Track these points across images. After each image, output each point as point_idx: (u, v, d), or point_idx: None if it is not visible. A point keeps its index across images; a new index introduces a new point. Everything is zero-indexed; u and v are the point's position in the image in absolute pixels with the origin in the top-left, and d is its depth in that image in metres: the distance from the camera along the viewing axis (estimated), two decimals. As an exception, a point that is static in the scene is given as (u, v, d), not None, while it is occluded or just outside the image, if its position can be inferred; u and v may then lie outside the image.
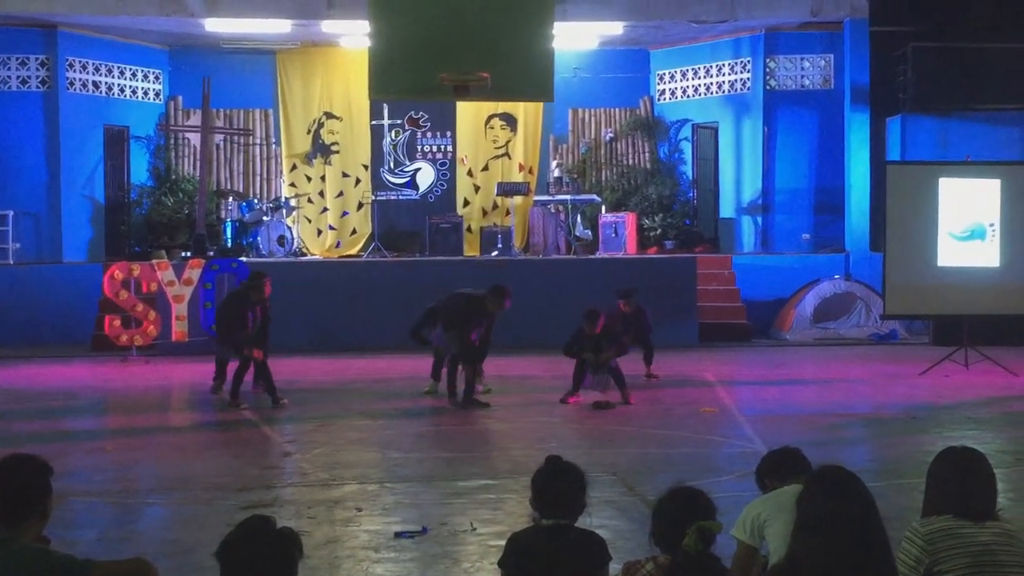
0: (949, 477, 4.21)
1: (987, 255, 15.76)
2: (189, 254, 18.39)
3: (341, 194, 21.46)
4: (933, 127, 20.36)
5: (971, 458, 4.27)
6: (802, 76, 21.03)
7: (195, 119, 21.03)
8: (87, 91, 20.49)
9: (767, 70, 20.90)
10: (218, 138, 21.34)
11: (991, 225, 15.69)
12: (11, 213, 19.27)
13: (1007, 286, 15.76)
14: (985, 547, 4.00)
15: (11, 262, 18.96)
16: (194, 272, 17.24)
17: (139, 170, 21.23)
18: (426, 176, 21.69)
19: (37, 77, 20.06)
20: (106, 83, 20.76)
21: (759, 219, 20.98)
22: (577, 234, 19.95)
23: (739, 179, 21.26)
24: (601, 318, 12.11)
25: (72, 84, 20.23)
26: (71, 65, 20.19)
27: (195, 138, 21.10)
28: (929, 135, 20.30)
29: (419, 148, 21.72)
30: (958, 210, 15.75)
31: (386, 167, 21.58)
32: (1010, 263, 15.73)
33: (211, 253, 18.60)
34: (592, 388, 12.55)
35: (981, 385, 13.96)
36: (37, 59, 20.00)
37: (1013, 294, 15.80)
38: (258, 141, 21.63)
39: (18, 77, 20.03)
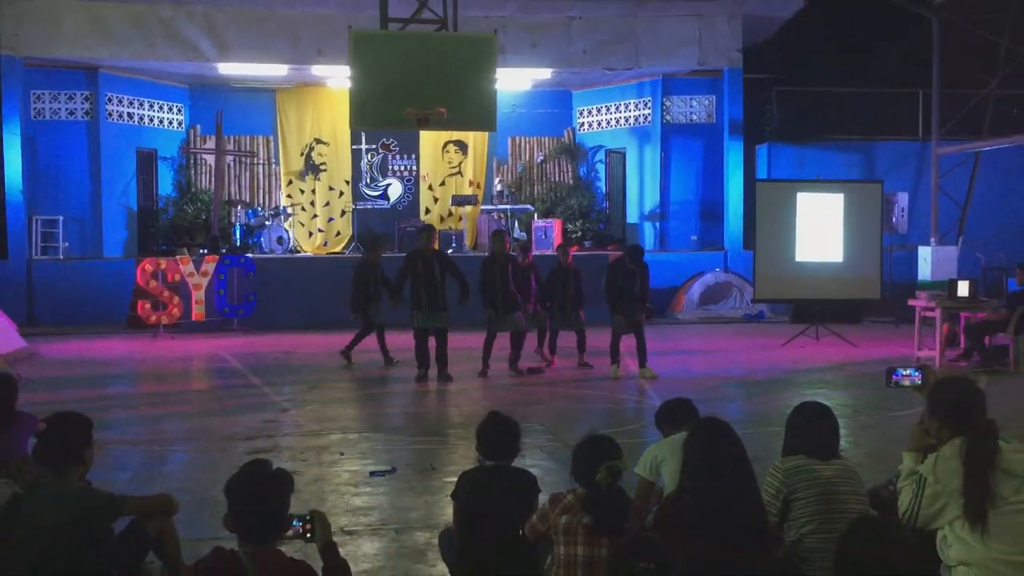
0: (803, 425, 4.25)
1: (833, 252, 15.95)
2: (205, 251, 18.19)
3: (328, 204, 21.32)
4: (792, 153, 20.59)
5: (820, 410, 4.31)
6: (691, 112, 21.15)
7: (210, 143, 20.79)
8: (123, 121, 20.19)
9: (664, 107, 20.99)
10: (229, 158, 21.11)
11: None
12: (61, 218, 19.04)
13: (848, 276, 15.97)
14: (829, 479, 4.05)
15: (61, 257, 18.72)
16: (210, 266, 17.11)
17: (165, 184, 20.97)
18: (395, 190, 21.59)
19: (82, 109, 19.73)
20: (138, 114, 20.48)
21: (657, 224, 21.09)
22: (515, 236, 19.94)
23: (642, 193, 21.35)
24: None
25: (111, 115, 19.93)
26: (110, 100, 19.89)
27: (211, 158, 20.87)
28: (789, 159, 20.53)
29: (390, 168, 21.61)
30: (811, 217, 15.92)
31: (363, 182, 21.46)
32: (850, 258, 15.95)
33: (223, 250, 18.40)
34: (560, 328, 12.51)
35: (828, 354, 14.15)
36: (82, 95, 19.69)
37: (852, 283, 16.02)
38: (261, 161, 21.42)
39: (67, 109, 19.70)
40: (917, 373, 4.42)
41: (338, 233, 21.27)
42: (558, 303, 12.58)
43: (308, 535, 3.62)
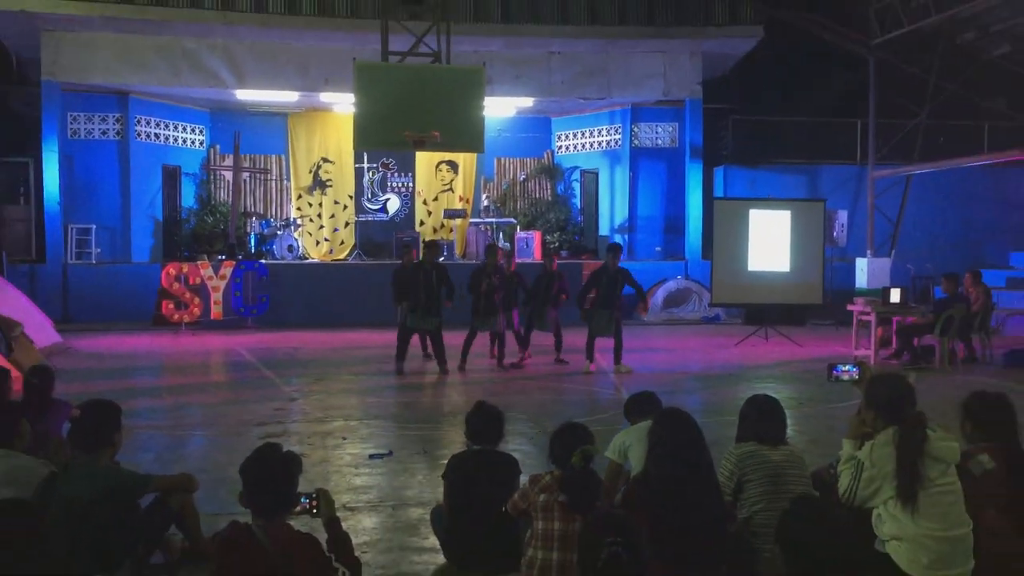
0: (754, 415, 4.26)
1: (781, 262, 15.99)
2: (223, 257, 18.08)
3: (333, 216, 21.23)
4: (745, 175, 20.68)
5: (769, 402, 4.33)
6: (656, 138, 21.20)
7: (228, 161, 20.67)
8: (150, 140, 20.07)
9: (632, 133, 21.03)
10: (245, 175, 20.99)
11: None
12: (94, 227, 18.90)
13: (794, 284, 16.01)
14: (777, 464, 4.06)
15: (93, 262, 18.57)
16: (227, 270, 17.02)
17: (188, 197, 20.84)
18: (394, 204, 21.52)
19: (114, 130, 19.60)
20: (164, 134, 20.36)
21: (626, 236, 21.11)
22: (499, 246, 19.91)
23: (612, 209, 21.38)
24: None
25: (139, 135, 19.81)
26: (139, 121, 19.77)
27: (228, 174, 20.75)
28: (742, 180, 20.61)
29: (389, 184, 21.55)
30: (762, 232, 15.97)
31: (365, 197, 21.39)
32: (796, 268, 15.98)
33: (239, 257, 18.30)
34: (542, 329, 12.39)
35: (776, 352, 14.20)
36: (114, 116, 19.56)
37: (798, 289, 16.06)
38: (274, 177, 21.32)
39: (100, 130, 19.57)
40: (855, 369, 4.45)
41: (342, 242, 21.19)
42: (541, 303, 12.55)
43: (314, 511, 3.62)
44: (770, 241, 15.92)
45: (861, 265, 18.89)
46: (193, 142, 20.95)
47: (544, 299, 12.49)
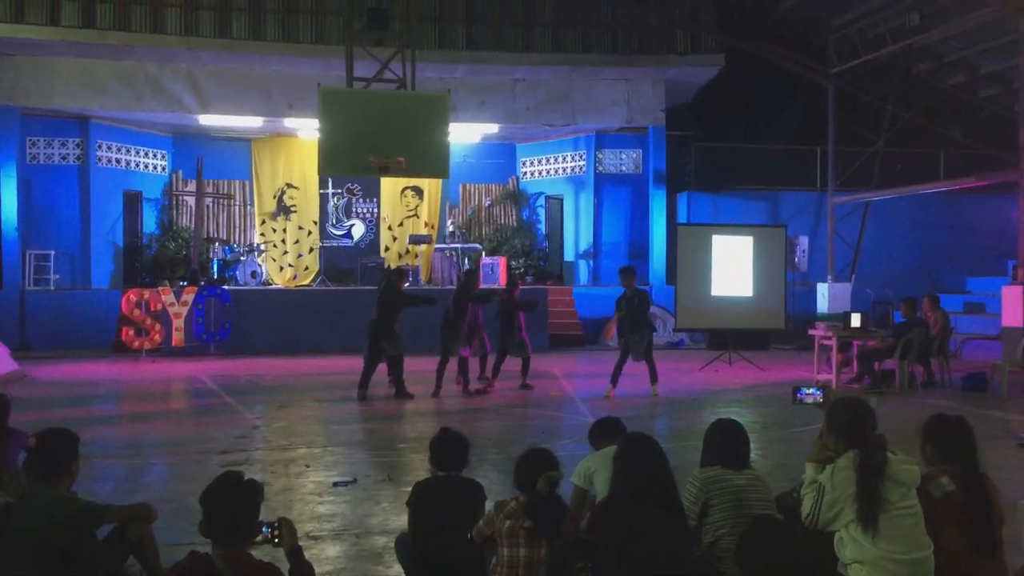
0: (718, 439, 4.27)
1: (744, 287, 16.13)
2: (185, 283, 17.91)
3: (297, 241, 21.14)
4: (708, 201, 20.90)
5: (733, 426, 4.35)
6: (620, 164, 21.38)
7: (191, 186, 20.54)
8: (111, 165, 19.89)
9: (597, 159, 21.19)
10: (208, 200, 20.86)
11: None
12: (53, 253, 18.64)
13: (757, 309, 16.15)
14: (741, 488, 4.07)
15: (52, 288, 18.29)
16: (189, 296, 16.84)
17: (149, 222, 20.66)
18: (358, 230, 21.48)
19: (74, 155, 19.41)
20: (125, 159, 20.19)
21: (591, 262, 21.22)
22: (466, 269, 19.91)
23: (577, 234, 21.49)
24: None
25: (100, 160, 19.62)
26: (99, 146, 19.59)
27: (191, 200, 20.61)
28: (705, 206, 20.82)
29: (354, 210, 21.52)
30: (725, 257, 16.11)
31: (330, 223, 21.33)
32: (758, 293, 16.13)
33: (202, 283, 18.13)
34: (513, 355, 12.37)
35: (740, 377, 14.29)
36: (74, 141, 19.38)
37: (760, 314, 16.21)
38: (237, 203, 21.21)
39: (60, 155, 19.36)
40: (819, 392, 4.49)
41: (306, 268, 21.09)
42: (507, 331, 12.45)
43: (276, 540, 3.57)
44: (733, 266, 16.06)
45: (822, 290, 19.13)
46: (155, 167, 20.78)
47: (509, 327, 12.42)
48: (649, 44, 19.84)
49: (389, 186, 21.34)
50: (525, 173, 22.39)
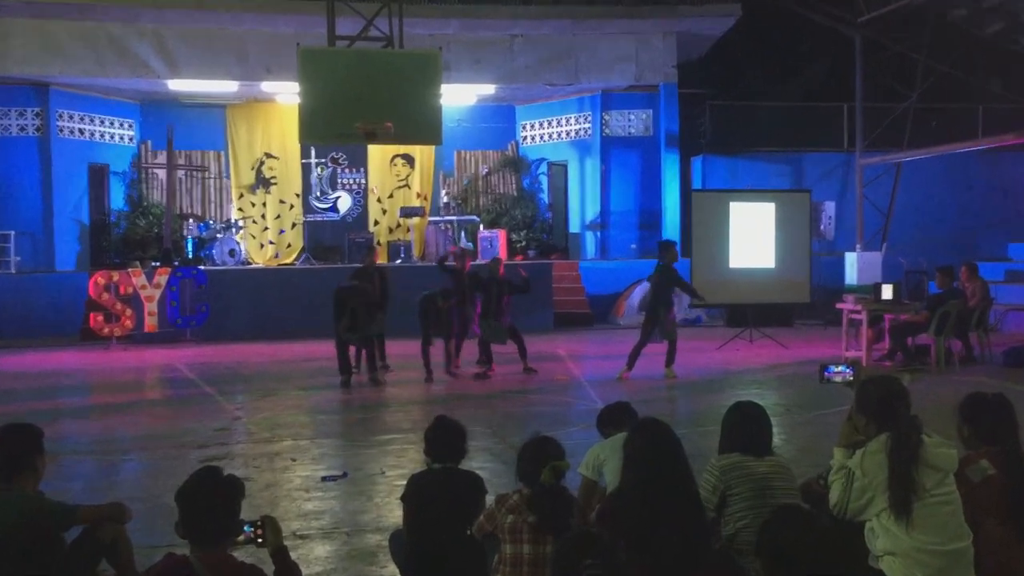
0: (738, 424, 4.28)
1: (765, 258, 16.11)
2: (158, 264, 17.91)
3: (279, 216, 21.13)
4: (725, 164, 20.85)
5: (754, 409, 4.35)
6: (629, 126, 21.31)
7: (162, 158, 20.48)
8: (74, 136, 19.83)
9: (603, 121, 21.12)
10: (180, 173, 20.83)
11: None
12: (13, 233, 18.59)
13: (779, 281, 16.16)
14: (764, 476, 4.08)
15: (13, 271, 18.28)
16: (162, 278, 16.83)
17: (117, 198, 20.65)
18: (345, 202, 21.46)
19: (33, 125, 19.35)
20: (90, 130, 20.13)
21: (599, 233, 21.20)
22: (462, 246, 19.91)
23: (583, 203, 21.46)
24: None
25: (62, 131, 19.56)
26: (61, 116, 19.52)
27: (162, 173, 20.57)
28: (722, 170, 20.78)
29: (339, 181, 21.49)
30: (744, 226, 16.09)
31: (313, 195, 21.30)
32: (781, 264, 16.13)
33: (175, 263, 18.14)
34: (489, 340, 12.44)
35: (761, 356, 14.33)
36: (33, 111, 19.31)
37: (783, 287, 16.22)
38: (212, 175, 21.17)
39: (17, 125, 19.30)
40: (848, 370, 4.49)
41: (289, 245, 21.08)
42: (493, 316, 12.41)
43: (259, 540, 3.58)
44: (753, 235, 16.04)
45: (850, 260, 19.11)
46: (122, 138, 20.74)
47: (495, 311, 12.35)
48: (659, -7, 19.76)
49: (377, 154, 21.28)
50: (525, 138, 22.32)
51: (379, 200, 21.47)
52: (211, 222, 20.00)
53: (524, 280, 12.56)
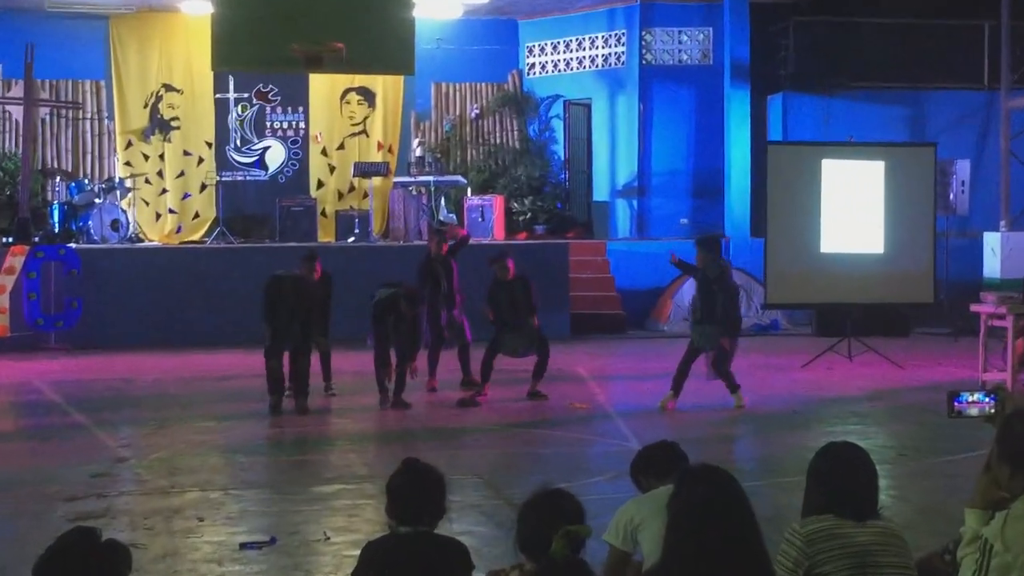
0: (830, 474, 4.26)
1: (871, 241, 16.07)
2: (11, 240, 17.88)
3: (182, 174, 21.10)
4: (815, 106, 20.76)
5: (853, 454, 4.33)
6: (680, 50, 21.27)
7: (17, 90, 20.43)
8: None
9: (643, 43, 21.09)
10: (43, 112, 20.79)
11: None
12: None
13: (891, 273, 16.09)
14: (865, 547, 4.07)
15: None
16: (16, 260, 16.79)
17: (-47, 147, 20.66)
18: (276, 155, 21.45)
19: None
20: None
21: (635, 202, 21.16)
22: (441, 218, 19.89)
23: (614, 160, 21.43)
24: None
25: None
26: None
27: (17, 111, 20.51)
28: (811, 114, 20.70)
29: (268, 124, 21.47)
30: (841, 194, 16.04)
31: (232, 145, 21.28)
32: (893, 249, 16.06)
33: (36, 239, 18.10)
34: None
35: (865, 377, 14.29)
36: None
37: (897, 282, 16.14)
38: (89, 115, 21.15)
39: None
40: (989, 399, 4.47)
41: (196, 215, 21.07)
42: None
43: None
44: (854, 208, 16.00)
45: (992, 243, 19.05)
46: (-40, 61, 20.74)
47: (511, 318, 12.61)
48: None
49: (322, 89, 21.27)
50: (532, 66, 22.29)
51: (324, 152, 21.45)
52: (86, 182, 19.93)
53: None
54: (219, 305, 17.31)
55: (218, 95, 21.09)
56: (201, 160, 21.10)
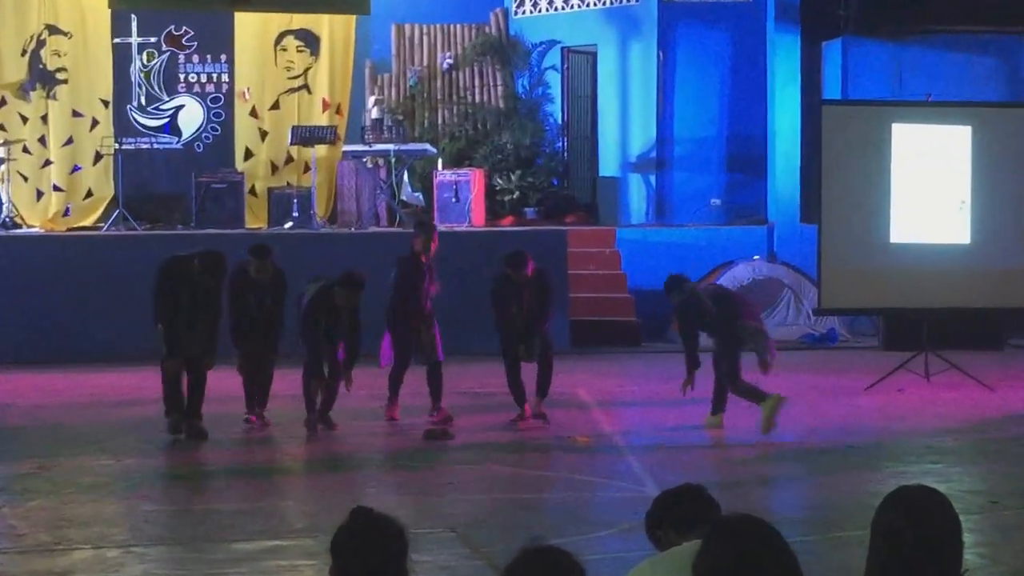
0: (901, 528, 4.28)
1: (954, 229, 16.07)
2: None
3: (70, 141, 21.06)
4: (884, 55, 20.80)
5: (930, 502, 4.35)
6: (711, -16, 21.36)
7: None
8: None
9: (663, -26, 21.17)
10: None
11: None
12: None
13: (979, 270, 16.09)
14: (946, 624, 4.09)
15: None
16: None
17: None
18: (192, 116, 21.42)
19: None
20: None
21: (652, 178, 21.20)
22: (404, 198, 19.90)
23: (625, 123, 21.46)
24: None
25: None
26: None
27: None
28: (879, 66, 20.73)
29: (182, 78, 21.43)
30: (916, 167, 16.05)
31: (135, 103, 21.25)
32: (983, 239, 16.06)
33: None
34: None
35: (945, 403, 14.31)
36: None
37: (987, 281, 16.13)
38: (-50, 66, 21.17)
39: None
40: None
41: (89, 193, 21.02)
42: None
43: None
44: (932, 186, 16.04)
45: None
46: None
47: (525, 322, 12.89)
48: None
49: (252, 31, 21.25)
50: (521, 3, 22.30)
51: (254, 113, 21.44)
52: (-54, 151, 19.99)
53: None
54: (118, 310, 17.25)
55: (117, 39, 21.04)
56: (95, 123, 21.04)
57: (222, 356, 12.39)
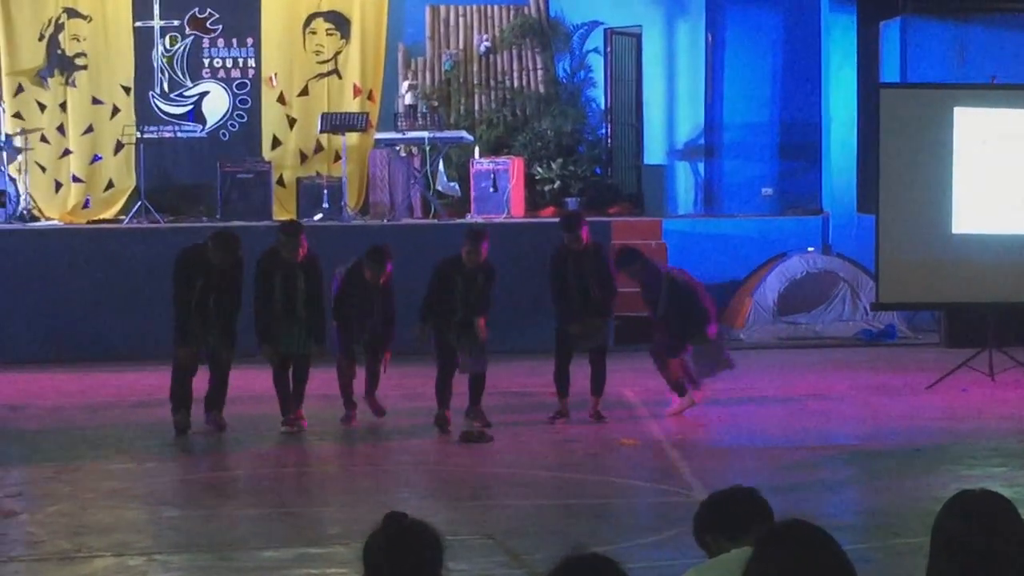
0: (963, 535, 4.26)
1: (1020, 218, 16.01)
2: None
3: (90, 129, 21.14)
4: (945, 36, 20.73)
5: (995, 508, 4.32)
6: (761, -39, 21.32)
7: None
8: None
9: (712, -48, 21.14)
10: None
11: None
12: None
13: (1048, 262, 16.06)
14: (1012, 634, 4.07)
15: None
16: None
17: None
18: (217, 103, 21.47)
19: None
20: None
21: (700, 167, 21.17)
22: (439, 188, 19.91)
23: (672, 109, 21.44)
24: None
25: None
26: None
27: None
28: (940, 47, 20.66)
29: (206, 62, 21.50)
30: (981, 154, 16.00)
31: (157, 90, 21.31)
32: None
33: None
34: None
35: (1012, 403, 14.26)
36: None
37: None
38: (-38, 52, 21.28)
39: None
40: None
41: (110, 184, 21.11)
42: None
43: None
44: (998, 173, 15.98)
45: None
46: None
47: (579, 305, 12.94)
48: None
49: (280, 13, 21.30)
50: (562, -17, 22.33)
51: (282, 100, 21.48)
52: (-39, 141, 20.09)
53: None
54: (140, 307, 17.31)
55: (139, 23, 21.12)
56: (116, 111, 21.12)
57: (247, 355, 12.46)
